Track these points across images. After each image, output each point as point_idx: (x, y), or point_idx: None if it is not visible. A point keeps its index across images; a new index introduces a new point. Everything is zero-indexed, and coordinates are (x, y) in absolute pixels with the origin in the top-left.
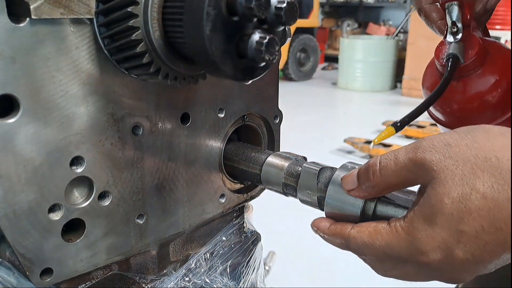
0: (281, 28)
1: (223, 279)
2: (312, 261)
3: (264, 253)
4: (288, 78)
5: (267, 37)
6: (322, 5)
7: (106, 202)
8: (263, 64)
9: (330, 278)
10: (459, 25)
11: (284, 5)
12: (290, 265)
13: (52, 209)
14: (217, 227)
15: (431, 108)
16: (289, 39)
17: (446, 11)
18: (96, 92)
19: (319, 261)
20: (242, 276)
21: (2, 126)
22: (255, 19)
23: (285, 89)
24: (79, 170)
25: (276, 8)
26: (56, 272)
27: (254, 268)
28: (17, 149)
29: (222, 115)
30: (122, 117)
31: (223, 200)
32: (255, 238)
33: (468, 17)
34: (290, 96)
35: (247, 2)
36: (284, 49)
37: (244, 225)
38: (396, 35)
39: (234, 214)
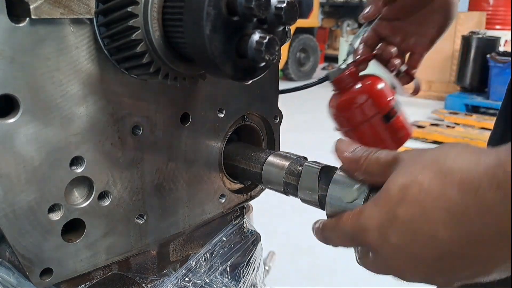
0: (281, 28)
1: (223, 279)
2: (312, 261)
3: (264, 253)
4: (288, 78)
5: (267, 37)
6: (322, 5)
7: (106, 202)
8: (263, 64)
9: (330, 278)
10: (350, 59)
11: (284, 5)
12: (290, 265)
13: (52, 209)
14: (217, 227)
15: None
16: (289, 39)
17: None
18: (96, 92)
19: (319, 261)
20: (242, 276)
21: (2, 126)
22: (255, 19)
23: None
24: (79, 170)
25: (276, 8)
26: (56, 272)
27: (254, 268)
28: (17, 149)
29: (222, 115)
30: (122, 117)
31: (223, 200)
32: (255, 238)
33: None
34: (290, 96)
35: (247, 2)
36: (284, 49)
37: (244, 225)
38: None
39: (234, 214)
